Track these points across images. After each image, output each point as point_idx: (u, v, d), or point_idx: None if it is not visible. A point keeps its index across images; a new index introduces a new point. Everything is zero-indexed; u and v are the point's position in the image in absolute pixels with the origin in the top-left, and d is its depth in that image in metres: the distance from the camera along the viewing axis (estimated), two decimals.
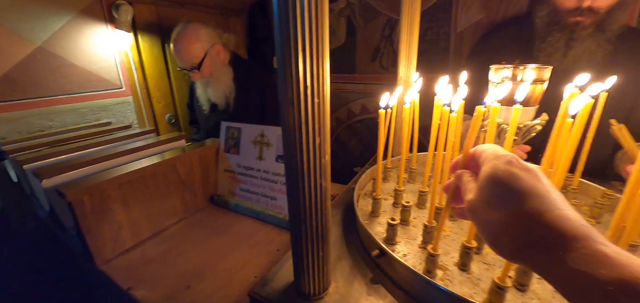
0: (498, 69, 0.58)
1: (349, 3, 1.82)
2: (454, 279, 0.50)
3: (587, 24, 0.89)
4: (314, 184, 0.43)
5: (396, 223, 0.58)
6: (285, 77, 0.38)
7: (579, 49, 0.91)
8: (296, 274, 0.52)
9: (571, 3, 0.88)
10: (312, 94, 0.38)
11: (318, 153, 0.42)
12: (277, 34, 0.37)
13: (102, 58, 1.47)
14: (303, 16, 0.35)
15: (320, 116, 0.40)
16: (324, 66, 0.39)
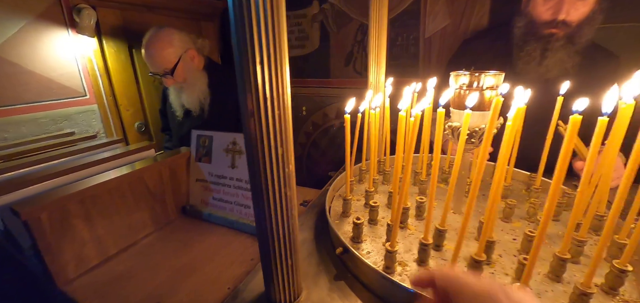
0: (457, 75, 0.61)
1: (322, 8, 1.84)
2: (412, 274, 0.52)
3: (560, 36, 0.99)
4: (278, 194, 0.44)
5: (361, 222, 0.60)
6: (244, 89, 0.38)
7: (552, 58, 1.01)
8: (266, 284, 0.52)
9: (547, 16, 0.98)
10: (272, 105, 0.39)
11: (281, 163, 0.42)
12: (235, 46, 0.37)
13: (64, 65, 1.39)
14: (260, 28, 0.35)
15: (281, 127, 0.41)
16: (284, 77, 0.40)
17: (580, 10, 0.96)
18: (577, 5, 0.96)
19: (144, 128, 1.77)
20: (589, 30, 1.00)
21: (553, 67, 1.03)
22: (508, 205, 0.69)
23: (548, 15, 0.99)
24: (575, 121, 0.41)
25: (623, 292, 0.50)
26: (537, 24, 1.03)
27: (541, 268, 0.54)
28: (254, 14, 0.35)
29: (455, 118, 0.63)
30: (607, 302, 0.48)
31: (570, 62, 1.02)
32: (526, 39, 1.06)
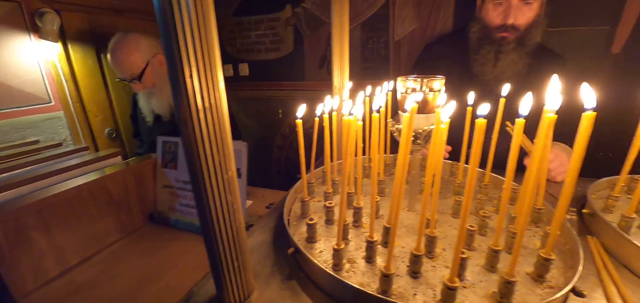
0: (403, 80, 0.65)
1: (295, 12, 1.86)
2: (358, 271, 0.55)
3: (511, 40, 1.07)
4: (220, 199, 0.45)
5: (314, 222, 0.62)
6: (178, 98, 0.40)
7: (505, 60, 1.09)
8: (216, 286, 0.53)
9: (498, 20, 1.07)
10: (204, 114, 0.40)
11: (220, 170, 0.44)
12: (166, 56, 0.38)
13: (26, 71, 1.35)
14: (185, 38, 0.37)
15: (218, 134, 0.42)
16: (217, 85, 0.41)
17: (526, 15, 1.04)
18: (524, 11, 1.04)
19: (115, 134, 1.73)
20: (536, 33, 1.08)
21: (506, 69, 1.10)
22: (456, 201, 0.73)
23: (499, 20, 1.07)
24: (520, 124, 0.44)
25: (550, 279, 0.54)
26: (490, 28, 1.10)
27: (480, 260, 0.58)
28: (180, 23, 0.36)
29: (403, 120, 0.66)
30: (536, 289, 0.52)
31: (522, 63, 1.10)
32: (481, 42, 1.13)
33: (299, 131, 0.66)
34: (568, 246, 0.62)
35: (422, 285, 0.52)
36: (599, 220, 0.69)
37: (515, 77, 1.10)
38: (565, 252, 0.61)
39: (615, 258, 0.63)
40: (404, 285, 0.52)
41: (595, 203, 0.81)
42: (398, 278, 0.54)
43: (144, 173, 1.04)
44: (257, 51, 2.04)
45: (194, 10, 0.37)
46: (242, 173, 0.88)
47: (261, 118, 2.19)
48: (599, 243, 0.67)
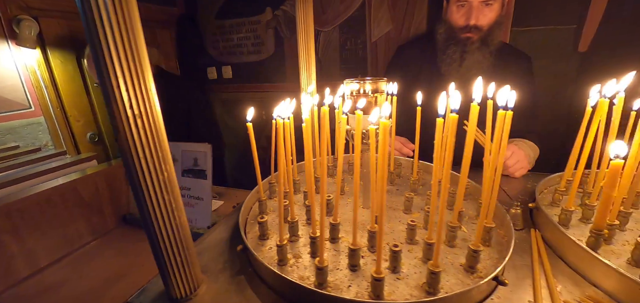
0: (348, 82, 0.68)
1: (275, 15, 1.89)
2: (301, 266, 0.58)
3: (475, 40, 1.12)
4: (157, 199, 0.48)
5: (265, 220, 0.65)
6: (108, 106, 0.42)
7: (470, 60, 1.14)
8: (164, 281, 0.56)
9: (461, 21, 1.12)
10: (135, 119, 0.43)
11: (155, 171, 0.47)
12: (95, 66, 0.41)
13: (4, 77, 1.37)
14: (109, 46, 0.40)
15: (151, 138, 0.45)
16: (149, 90, 0.44)
17: (488, 15, 1.09)
18: (485, 12, 1.08)
19: (97, 138, 1.75)
20: (498, 32, 1.13)
21: (472, 68, 1.14)
22: (407, 198, 0.76)
23: (462, 21, 1.11)
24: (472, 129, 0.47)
25: (481, 270, 0.57)
26: (454, 29, 1.14)
27: (419, 253, 0.61)
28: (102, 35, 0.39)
29: (351, 122, 0.69)
30: (466, 279, 0.55)
31: (486, 62, 1.14)
32: (447, 43, 1.17)
33: (250, 133, 0.68)
34: (506, 239, 0.65)
35: (359, 278, 0.55)
36: (542, 214, 0.72)
37: (483, 75, 1.14)
38: (503, 244, 0.64)
39: (554, 251, 0.66)
40: (342, 278, 0.55)
41: (544, 197, 0.85)
42: (338, 271, 0.57)
43: (116, 175, 1.06)
44: (239, 53, 2.07)
45: (117, 21, 0.39)
46: (207, 175, 0.90)
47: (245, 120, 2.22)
48: (540, 236, 0.70)
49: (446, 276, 0.55)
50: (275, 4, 1.87)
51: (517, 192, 0.93)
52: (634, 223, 0.70)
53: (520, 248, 0.66)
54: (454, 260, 0.59)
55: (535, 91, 1.29)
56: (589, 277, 0.57)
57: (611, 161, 0.52)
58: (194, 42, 2.12)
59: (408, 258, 0.60)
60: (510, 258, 0.63)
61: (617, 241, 0.65)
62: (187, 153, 0.93)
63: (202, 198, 0.92)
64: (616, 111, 0.69)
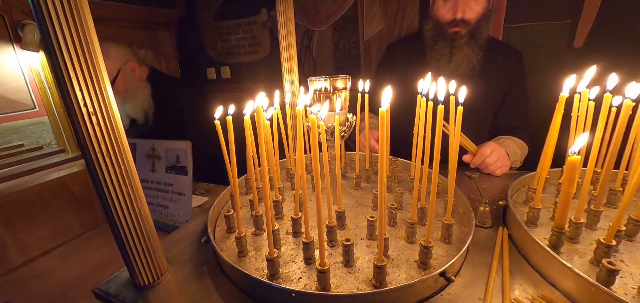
0: (312, 81, 0.69)
1: (270, 15, 1.92)
2: (259, 258, 0.60)
3: (463, 34, 1.10)
4: (116, 191, 0.51)
5: (231, 214, 0.67)
6: (65, 103, 0.45)
7: (459, 55, 1.12)
8: (128, 268, 0.59)
9: (448, 16, 1.10)
10: (90, 117, 0.46)
11: (112, 164, 0.49)
12: (50, 67, 0.44)
13: (9, 78, 1.45)
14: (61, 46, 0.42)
15: (107, 133, 0.48)
16: (103, 86, 0.47)
17: (474, 9, 1.07)
18: (471, 5, 1.07)
19: None
20: (486, 26, 1.12)
21: (462, 63, 1.13)
22: (375, 195, 0.76)
23: (449, 15, 1.10)
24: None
25: (436, 266, 0.57)
26: (442, 24, 1.13)
27: (376, 248, 0.62)
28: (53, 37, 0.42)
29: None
30: (418, 275, 0.56)
31: (476, 57, 1.13)
32: (436, 39, 1.16)
33: (219, 130, 0.71)
34: (469, 236, 0.65)
35: (311, 271, 0.57)
36: (510, 212, 0.71)
37: (471, 71, 1.14)
38: (465, 242, 0.64)
39: (519, 251, 0.65)
40: (295, 270, 0.57)
41: (520, 195, 0.84)
42: (293, 264, 0.59)
43: None
44: (237, 54, 2.11)
45: (67, 24, 0.42)
46: (188, 171, 0.94)
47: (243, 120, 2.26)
48: (507, 234, 0.69)
49: (398, 271, 0.56)
50: (271, 5, 1.89)
51: (498, 191, 0.92)
52: (607, 222, 0.68)
53: (484, 247, 0.66)
54: (409, 256, 0.60)
55: (526, 87, 1.27)
56: (548, 277, 0.57)
57: (568, 157, 0.51)
58: (193, 43, 2.17)
59: (365, 253, 0.61)
60: (472, 257, 0.63)
61: (584, 241, 0.63)
62: (170, 150, 0.96)
63: (183, 193, 0.95)
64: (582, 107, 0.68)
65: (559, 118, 0.66)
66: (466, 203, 0.72)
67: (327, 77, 0.67)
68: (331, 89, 0.66)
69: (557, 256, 0.54)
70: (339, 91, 0.66)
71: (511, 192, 0.79)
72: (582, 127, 0.70)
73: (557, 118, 0.65)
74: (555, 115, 0.65)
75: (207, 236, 0.63)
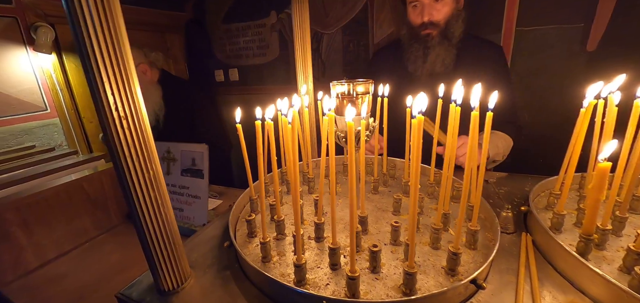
0: (335, 85, 0.69)
1: (279, 18, 1.92)
2: (284, 263, 0.59)
3: (435, 35, 1.16)
4: (144, 196, 0.51)
5: (252, 218, 0.67)
6: (97, 109, 0.45)
7: (433, 55, 1.17)
8: (152, 274, 0.58)
9: (418, 20, 1.16)
10: (121, 121, 0.46)
11: (141, 170, 0.49)
12: (84, 71, 0.44)
13: (23, 81, 1.46)
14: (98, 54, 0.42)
15: (137, 138, 0.48)
16: (134, 95, 0.47)
17: (441, 11, 1.13)
18: (437, 8, 1.13)
19: None
20: (456, 26, 1.16)
21: (435, 62, 1.18)
22: (395, 199, 0.76)
23: (418, 19, 1.16)
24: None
25: (464, 272, 0.57)
26: (414, 28, 1.19)
27: (402, 254, 0.61)
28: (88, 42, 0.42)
29: (339, 124, 0.70)
30: (446, 282, 0.55)
31: (450, 56, 1.18)
32: (411, 42, 1.22)
33: (240, 134, 0.70)
34: (493, 242, 0.64)
35: (338, 276, 0.56)
36: (533, 217, 0.71)
37: (446, 70, 1.19)
38: (490, 248, 0.64)
39: (544, 257, 0.64)
40: (322, 276, 0.56)
41: (540, 200, 0.83)
42: (318, 270, 0.58)
43: None
44: (245, 56, 2.11)
45: (102, 28, 0.42)
46: (204, 174, 0.93)
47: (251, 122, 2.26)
48: (531, 240, 0.69)
49: (426, 278, 0.55)
50: (280, 8, 1.90)
51: (513, 195, 0.92)
52: (632, 229, 0.68)
53: (508, 253, 0.65)
54: (436, 262, 0.59)
55: (510, 81, 1.29)
56: (577, 283, 0.56)
57: (598, 163, 0.51)
58: (202, 46, 2.18)
59: (390, 259, 0.60)
60: (497, 263, 0.62)
61: (611, 247, 0.63)
62: (185, 152, 0.96)
63: (199, 196, 0.95)
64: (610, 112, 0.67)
65: (586, 124, 0.65)
66: (488, 208, 0.72)
67: (350, 81, 0.66)
68: (354, 93, 0.65)
69: (587, 264, 0.53)
70: (362, 94, 0.66)
71: (532, 197, 0.78)
72: (608, 133, 0.70)
73: (583, 124, 0.65)
74: (580, 121, 0.65)
75: (230, 241, 0.63)
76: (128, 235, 1.06)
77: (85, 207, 1.01)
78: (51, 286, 0.84)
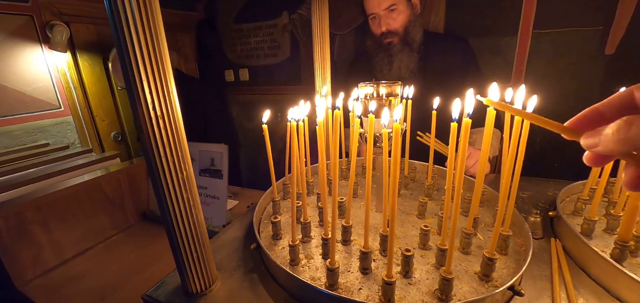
0: (362, 86, 0.68)
1: (291, 19, 1.92)
2: (313, 267, 0.59)
3: (396, 42, 1.21)
4: (177, 197, 0.50)
5: (278, 220, 0.66)
6: (133, 107, 0.45)
7: (397, 61, 1.22)
8: (181, 276, 0.58)
9: (378, 30, 1.23)
10: (157, 120, 0.45)
11: (175, 170, 0.49)
12: (123, 71, 0.43)
13: (37, 79, 1.46)
14: (137, 53, 0.42)
15: (172, 138, 0.47)
16: (171, 95, 0.46)
17: (397, 19, 1.18)
18: (393, 17, 1.18)
19: (120, 137, 1.83)
20: (416, 32, 1.22)
21: (400, 68, 1.23)
22: (420, 203, 0.75)
23: (378, 30, 1.22)
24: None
25: (497, 278, 0.56)
26: (377, 38, 1.25)
27: (431, 259, 0.60)
28: (129, 41, 0.41)
29: (365, 125, 0.69)
30: (480, 287, 0.54)
31: (413, 61, 1.23)
32: (376, 51, 1.27)
33: (266, 134, 0.70)
34: (524, 248, 0.63)
35: (370, 281, 0.55)
36: (562, 223, 0.69)
37: (411, 73, 1.24)
38: (521, 253, 0.63)
39: (575, 262, 0.63)
40: (353, 280, 0.55)
41: (566, 205, 0.82)
42: (349, 273, 0.57)
43: (137, 174, 1.11)
44: (256, 56, 2.11)
45: (142, 27, 0.42)
46: (223, 175, 0.93)
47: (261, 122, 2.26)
48: (561, 246, 0.67)
49: (459, 283, 0.54)
50: (292, 8, 1.89)
51: (537, 200, 0.90)
52: None
53: (539, 258, 0.64)
54: (468, 267, 0.58)
55: (479, 69, 1.32)
56: (613, 290, 0.55)
57: None
58: (212, 45, 2.18)
59: (420, 263, 0.59)
60: (528, 269, 0.61)
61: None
62: (204, 152, 0.96)
63: (217, 197, 0.94)
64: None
65: None
66: (516, 213, 0.70)
67: (380, 83, 0.66)
68: (384, 95, 0.65)
69: (626, 271, 0.52)
70: (391, 96, 0.65)
71: (559, 202, 0.77)
72: None
73: None
74: None
75: (257, 243, 0.62)
76: (144, 234, 1.05)
77: (103, 206, 1.01)
78: (71, 285, 0.84)
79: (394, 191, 0.60)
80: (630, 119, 0.22)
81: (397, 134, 0.52)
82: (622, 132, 0.22)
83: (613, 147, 0.23)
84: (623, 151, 0.22)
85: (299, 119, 0.66)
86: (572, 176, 0.92)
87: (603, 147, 0.23)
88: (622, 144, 0.22)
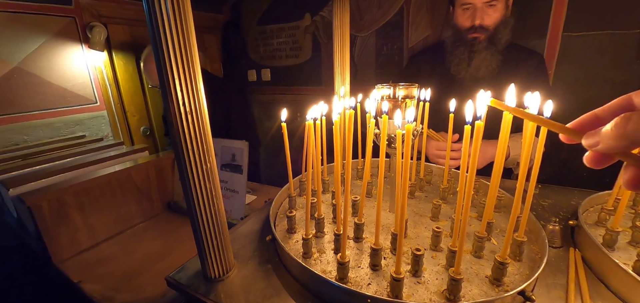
0: (379, 88, 0.70)
1: (314, 21, 1.95)
2: (325, 261, 0.61)
3: (482, 39, 1.14)
4: (200, 187, 0.54)
5: (293, 215, 0.69)
6: (166, 102, 0.49)
7: (478, 59, 1.16)
8: (201, 261, 0.62)
9: (467, 23, 1.15)
10: (186, 116, 0.49)
11: (200, 162, 0.52)
12: (157, 70, 0.48)
13: (77, 75, 1.59)
14: (171, 55, 0.46)
15: (199, 132, 0.51)
16: (198, 93, 0.50)
17: (492, 16, 1.12)
18: (489, 12, 1.11)
19: (149, 131, 1.94)
20: (505, 32, 1.15)
21: (480, 67, 1.17)
22: (435, 205, 0.75)
23: (468, 22, 1.15)
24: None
25: (508, 283, 0.55)
26: (461, 31, 1.18)
27: (442, 260, 0.61)
28: (164, 44, 0.45)
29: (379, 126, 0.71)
30: (490, 291, 0.54)
31: (495, 61, 1.16)
32: (455, 44, 1.20)
33: (284, 132, 0.73)
34: (539, 255, 0.62)
35: (379, 277, 0.57)
36: (583, 233, 0.67)
37: (490, 75, 1.18)
38: (536, 261, 0.62)
39: (595, 274, 0.61)
40: (363, 276, 0.57)
41: (589, 216, 0.79)
42: (359, 269, 0.59)
43: (164, 166, 1.18)
44: (278, 57, 2.17)
45: (176, 29, 0.46)
46: (243, 170, 0.97)
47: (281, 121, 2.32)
48: (580, 256, 0.66)
49: (469, 285, 0.55)
50: (314, 10, 1.93)
51: (558, 208, 0.88)
52: None
53: (555, 267, 0.63)
54: (479, 271, 0.58)
55: (549, 88, 1.25)
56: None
57: None
58: (237, 46, 2.26)
59: (431, 264, 0.60)
60: (543, 277, 0.60)
61: None
62: (226, 148, 1.01)
63: (237, 191, 0.98)
64: None
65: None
66: (534, 219, 0.69)
67: (397, 84, 0.67)
68: (400, 97, 0.66)
69: None
70: (407, 98, 0.66)
71: (581, 211, 0.75)
72: None
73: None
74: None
75: (272, 235, 0.65)
76: (168, 223, 1.12)
77: (132, 195, 1.08)
78: (102, 266, 0.91)
79: (405, 186, 0.61)
80: (627, 115, 0.23)
81: (409, 135, 0.53)
82: (621, 127, 0.23)
83: (612, 143, 0.24)
84: (622, 146, 0.24)
85: (316, 119, 0.68)
86: (601, 187, 0.88)
87: (603, 144, 0.24)
88: (620, 139, 0.23)
